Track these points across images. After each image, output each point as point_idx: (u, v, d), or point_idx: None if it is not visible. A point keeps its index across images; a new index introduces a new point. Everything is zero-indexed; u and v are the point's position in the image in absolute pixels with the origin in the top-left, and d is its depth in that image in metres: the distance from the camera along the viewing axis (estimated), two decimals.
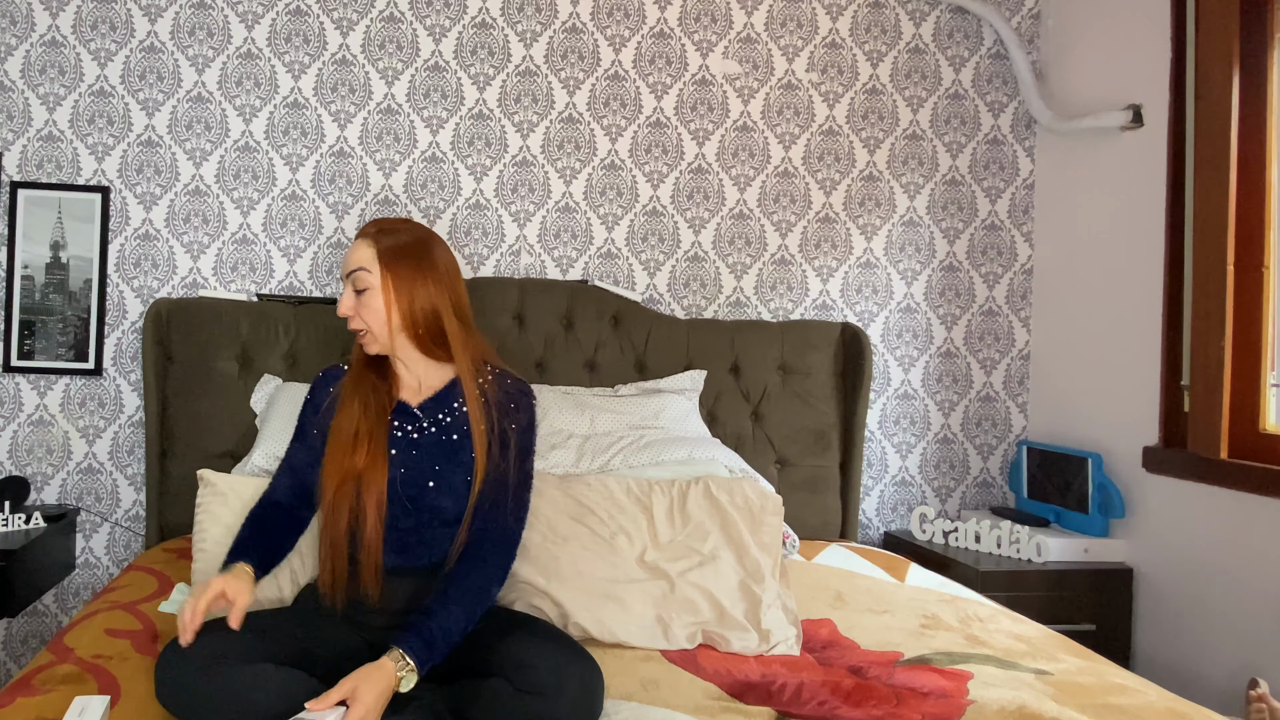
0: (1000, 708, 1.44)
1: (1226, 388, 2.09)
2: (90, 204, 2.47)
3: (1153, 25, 2.36)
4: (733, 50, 2.72)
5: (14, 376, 2.46)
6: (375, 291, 1.63)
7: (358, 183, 2.58)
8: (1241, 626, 2.06)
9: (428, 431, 1.64)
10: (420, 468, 1.61)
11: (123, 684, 1.44)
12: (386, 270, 1.63)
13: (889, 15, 2.77)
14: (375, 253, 1.63)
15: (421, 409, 1.66)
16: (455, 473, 1.61)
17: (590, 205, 2.67)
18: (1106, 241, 2.53)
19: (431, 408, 1.66)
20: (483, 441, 1.62)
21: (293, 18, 2.56)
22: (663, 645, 1.71)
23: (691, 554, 1.84)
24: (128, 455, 2.50)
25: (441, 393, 1.68)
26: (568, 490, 1.92)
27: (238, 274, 2.55)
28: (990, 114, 2.80)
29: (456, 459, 1.62)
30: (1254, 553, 2.03)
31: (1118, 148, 2.49)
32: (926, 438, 2.79)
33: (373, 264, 1.63)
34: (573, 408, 2.25)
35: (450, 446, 1.63)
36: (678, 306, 2.70)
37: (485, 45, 2.63)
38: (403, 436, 1.63)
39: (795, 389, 2.55)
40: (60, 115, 2.48)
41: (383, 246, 1.64)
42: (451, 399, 1.67)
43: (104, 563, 2.50)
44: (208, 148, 2.54)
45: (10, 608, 2.10)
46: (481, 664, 1.42)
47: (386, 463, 1.59)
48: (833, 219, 2.76)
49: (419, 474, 1.61)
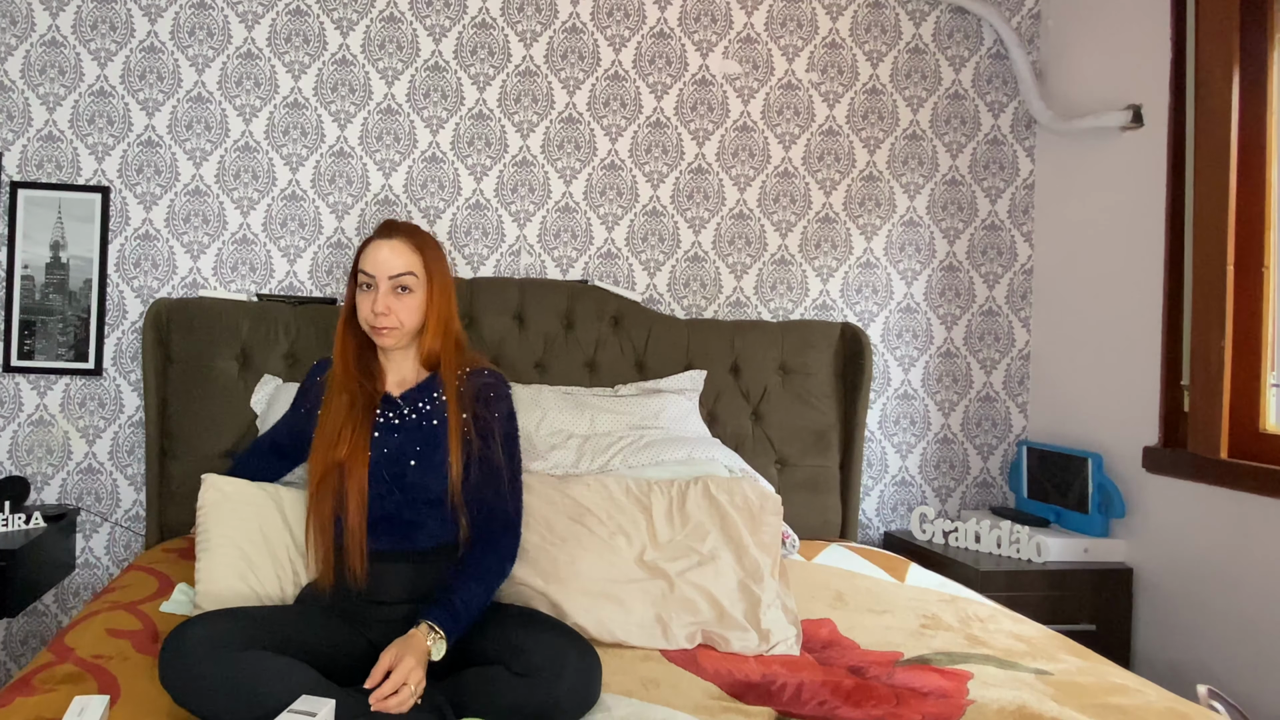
0: (1000, 708, 1.44)
1: (1226, 388, 2.09)
2: (90, 204, 2.47)
3: (1153, 25, 2.36)
4: (733, 50, 2.72)
5: (14, 376, 2.46)
6: (419, 294, 1.72)
7: (358, 183, 2.59)
8: (1241, 626, 2.06)
9: (409, 418, 1.73)
10: (402, 448, 1.69)
11: (123, 684, 1.44)
12: (431, 275, 1.73)
13: (889, 15, 2.77)
14: (421, 258, 1.72)
15: (403, 398, 1.75)
16: (435, 454, 1.69)
17: (590, 205, 2.67)
18: (1106, 242, 2.53)
19: (413, 397, 1.75)
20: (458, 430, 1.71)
21: (293, 18, 2.56)
22: (662, 645, 1.71)
23: (690, 554, 1.84)
24: (128, 455, 2.50)
25: (423, 384, 1.78)
26: (566, 491, 1.92)
27: (238, 274, 2.55)
28: (990, 114, 2.80)
29: (435, 441, 1.70)
30: (1254, 552, 2.03)
31: (1118, 148, 2.49)
32: (926, 438, 2.79)
33: (420, 268, 1.72)
34: (573, 408, 2.25)
35: (430, 431, 1.71)
36: (678, 306, 2.70)
37: (485, 45, 2.63)
38: (384, 422, 1.72)
39: (795, 389, 2.55)
40: (60, 115, 2.48)
41: (427, 252, 1.74)
42: (431, 389, 1.76)
43: (104, 563, 2.50)
44: (208, 148, 2.54)
45: (10, 608, 2.10)
46: (481, 654, 1.45)
47: (368, 452, 1.67)
48: (833, 219, 2.76)
49: (400, 454, 1.68)
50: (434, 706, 1.35)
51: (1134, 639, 2.38)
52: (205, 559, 1.76)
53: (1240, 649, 2.06)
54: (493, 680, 1.38)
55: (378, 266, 1.70)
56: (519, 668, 1.38)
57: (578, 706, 1.38)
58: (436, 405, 1.74)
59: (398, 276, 1.69)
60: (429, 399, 1.74)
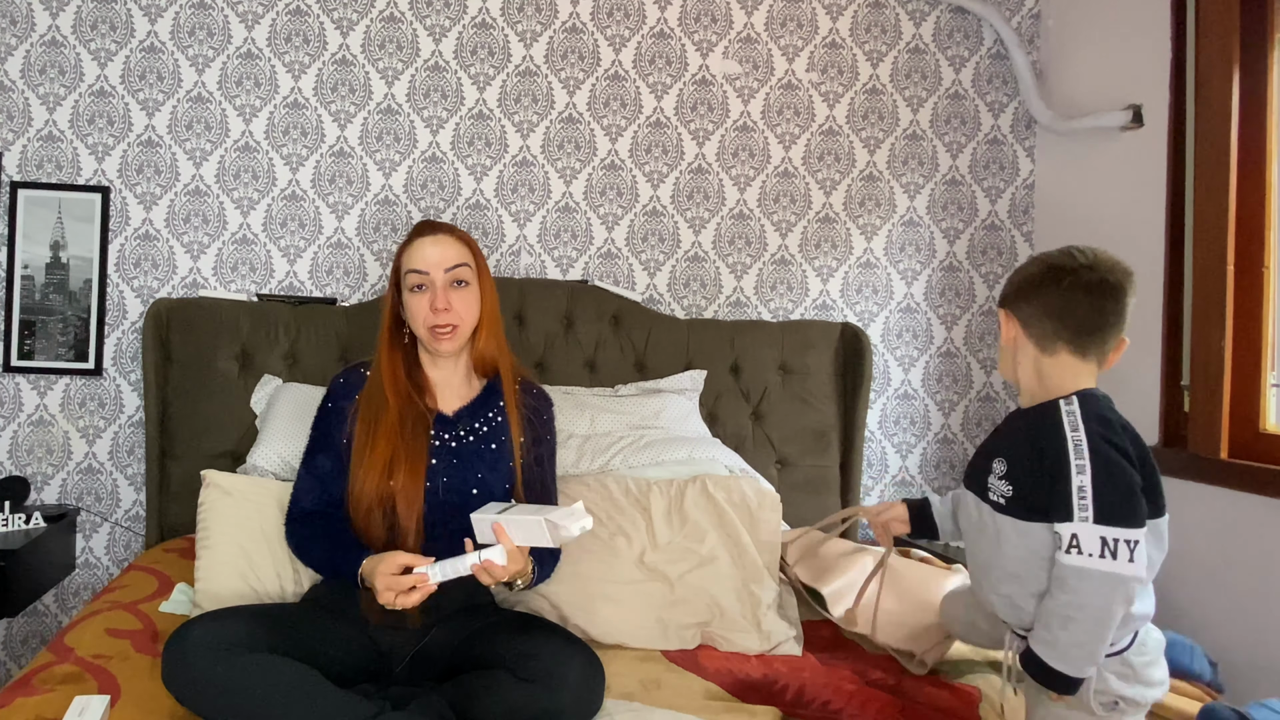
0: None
1: (1226, 388, 2.09)
2: (90, 204, 2.47)
3: (1153, 25, 2.36)
4: (733, 50, 2.72)
5: (14, 376, 2.46)
6: (474, 287, 1.66)
7: (358, 183, 2.58)
8: (1241, 626, 2.06)
9: (466, 441, 1.65)
10: (463, 476, 1.62)
11: (123, 684, 1.44)
12: (480, 268, 1.68)
13: (889, 15, 2.77)
14: (470, 250, 1.66)
15: (458, 417, 1.67)
16: (496, 481, 1.64)
17: (590, 205, 2.67)
18: (1106, 242, 2.50)
19: (468, 417, 1.67)
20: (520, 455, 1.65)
21: (293, 18, 2.56)
22: (663, 645, 1.71)
23: (690, 554, 1.84)
24: (128, 455, 2.50)
25: (476, 400, 1.70)
26: (565, 491, 1.92)
27: (238, 274, 2.55)
28: (990, 114, 2.80)
29: (498, 468, 1.64)
30: (1254, 552, 2.03)
31: (1118, 148, 2.49)
32: (926, 438, 2.79)
33: (471, 260, 1.66)
34: (573, 408, 2.25)
35: (491, 456, 1.65)
36: (678, 306, 2.70)
37: (485, 45, 2.63)
38: (441, 445, 1.63)
39: (795, 389, 2.55)
40: (60, 115, 2.48)
41: (473, 245, 1.68)
42: (487, 408, 1.69)
43: (104, 563, 2.50)
44: (208, 148, 2.54)
45: (10, 608, 2.10)
46: (484, 659, 1.43)
47: (424, 481, 1.59)
48: (833, 219, 2.76)
49: (461, 482, 1.62)
50: (437, 710, 1.35)
51: None
52: (206, 557, 1.76)
53: (1240, 649, 2.06)
54: (496, 684, 1.36)
55: (430, 263, 1.62)
56: (523, 672, 1.36)
57: (581, 713, 1.38)
58: (495, 426, 1.67)
59: (454, 269, 1.62)
60: (485, 418, 1.67)
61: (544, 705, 1.34)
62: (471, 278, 1.66)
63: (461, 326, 1.64)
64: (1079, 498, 1.26)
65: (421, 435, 1.61)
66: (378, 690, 1.43)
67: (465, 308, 1.64)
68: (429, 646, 1.54)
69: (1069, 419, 1.32)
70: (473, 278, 1.66)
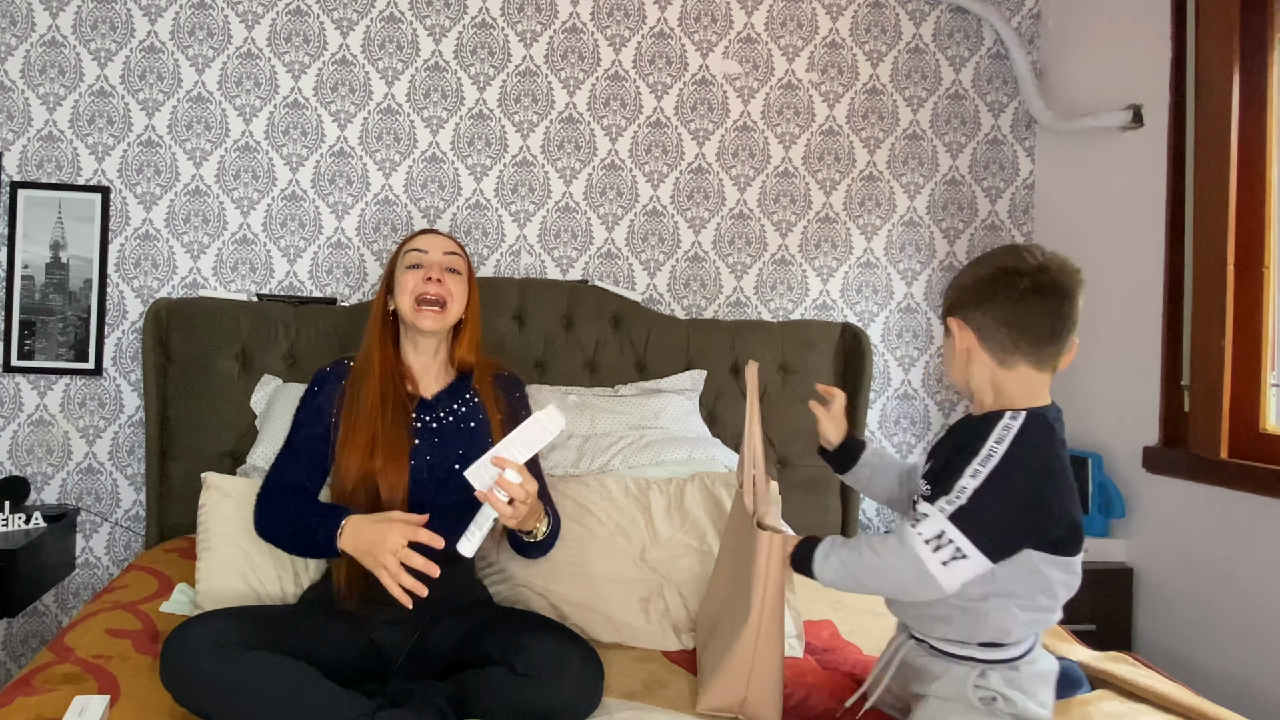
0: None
1: (1226, 388, 2.09)
2: (90, 204, 2.47)
3: (1153, 25, 2.36)
4: (733, 50, 2.72)
5: (14, 376, 2.46)
6: (465, 281, 1.79)
7: (358, 183, 2.58)
8: (1242, 626, 2.06)
9: (446, 421, 1.73)
10: (445, 453, 1.68)
11: (123, 684, 1.44)
12: (470, 272, 1.82)
13: (889, 15, 2.77)
14: (463, 255, 1.81)
15: (437, 400, 1.75)
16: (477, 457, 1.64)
17: (590, 205, 2.67)
18: (1106, 242, 2.53)
19: (446, 399, 1.76)
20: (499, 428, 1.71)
21: (293, 18, 2.56)
22: (663, 645, 1.71)
23: (690, 552, 1.84)
24: (128, 455, 2.50)
25: (454, 384, 1.79)
26: (565, 491, 1.92)
27: (238, 274, 2.55)
28: (990, 114, 2.80)
29: (476, 442, 1.69)
30: (1254, 552, 2.03)
31: (1118, 148, 2.49)
32: (927, 438, 2.79)
33: (463, 263, 1.80)
34: (573, 408, 2.25)
35: (470, 433, 1.72)
36: (678, 306, 2.70)
37: (485, 45, 2.63)
38: (422, 427, 1.70)
39: (795, 389, 2.54)
40: (60, 115, 2.48)
41: (465, 252, 1.83)
42: (464, 390, 1.78)
43: (104, 563, 2.50)
44: (208, 148, 2.53)
45: (10, 608, 2.10)
46: (482, 656, 1.44)
47: (408, 459, 1.64)
48: (833, 219, 2.76)
49: (444, 459, 1.67)
50: (435, 707, 1.35)
51: (1134, 639, 2.38)
52: (206, 558, 1.76)
53: (1241, 649, 2.06)
54: (494, 680, 1.37)
55: (430, 245, 1.76)
56: (522, 668, 1.37)
57: (580, 709, 1.38)
58: (471, 407, 1.75)
59: (450, 255, 1.76)
60: (461, 400, 1.76)
61: (542, 700, 1.34)
62: (464, 271, 1.79)
63: (449, 307, 1.73)
64: (955, 493, 1.26)
65: (403, 418, 1.68)
66: (378, 689, 1.43)
67: (456, 290, 1.75)
68: (427, 644, 1.55)
69: (1001, 431, 1.29)
70: (465, 273, 1.79)
